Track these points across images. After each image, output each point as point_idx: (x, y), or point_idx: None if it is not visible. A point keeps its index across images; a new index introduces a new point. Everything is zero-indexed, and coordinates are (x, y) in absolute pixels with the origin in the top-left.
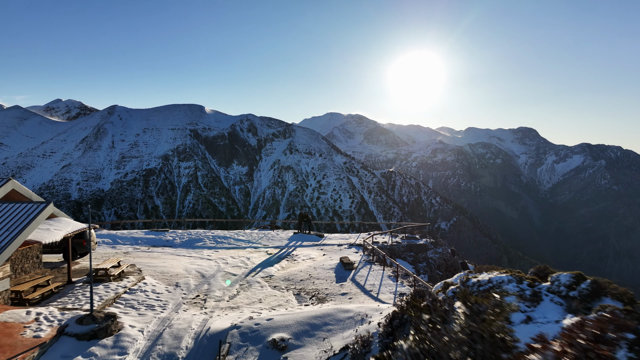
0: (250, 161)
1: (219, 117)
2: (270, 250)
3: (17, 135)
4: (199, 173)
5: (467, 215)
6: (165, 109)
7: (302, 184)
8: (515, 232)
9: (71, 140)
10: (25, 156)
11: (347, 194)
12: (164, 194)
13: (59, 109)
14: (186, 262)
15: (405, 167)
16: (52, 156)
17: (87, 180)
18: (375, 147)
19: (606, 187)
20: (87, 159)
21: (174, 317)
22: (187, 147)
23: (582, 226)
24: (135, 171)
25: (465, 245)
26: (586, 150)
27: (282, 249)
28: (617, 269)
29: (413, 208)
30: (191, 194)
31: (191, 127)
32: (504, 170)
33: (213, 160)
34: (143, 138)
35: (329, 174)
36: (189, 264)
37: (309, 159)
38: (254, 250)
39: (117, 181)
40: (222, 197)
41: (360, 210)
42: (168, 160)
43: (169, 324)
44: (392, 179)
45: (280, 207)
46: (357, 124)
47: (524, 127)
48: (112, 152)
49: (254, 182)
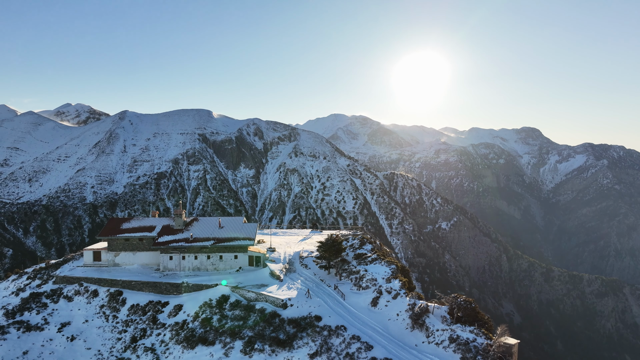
0: (256, 164)
1: (226, 122)
2: (305, 233)
3: (32, 141)
4: (207, 176)
5: (467, 215)
6: (175, 114)
7: (307, 186)
8: (517, 231)
9: (84, 145)
10: (41, 160)
11: (350, 196)
12: (174, 196)
13: (69, 113)
14: (279, 238)
15: (409, 168)
16: (66, 160)
17: (101, 183)
18: (379, 148)
19: (608, 187)
20: (101, 163)
21: (284, 250)
22: (196, 151)
23: (583, 225)
24: (146, 174)
25: (465, 244)
26: (589, 150)
27: (308, 235)
28: (619, 267)
29: (414, 209)
30: (200, 196)
31: (200, 132)
32: (507, 170)
33: (221, 164)
34: (154, 142)
35: (333, 176)
36: (280, 238)
37: (314, 162)
38: (297, 235)
39: (129, 184)
40: (230, 199)
41: (363, 211)
42: (178, 164)
43: (285, 251)
44: (394, 180)
45: (286, 209)
46: (361, 125)
47: (527, 127)
48: (124, 156)
49: (260, 184)
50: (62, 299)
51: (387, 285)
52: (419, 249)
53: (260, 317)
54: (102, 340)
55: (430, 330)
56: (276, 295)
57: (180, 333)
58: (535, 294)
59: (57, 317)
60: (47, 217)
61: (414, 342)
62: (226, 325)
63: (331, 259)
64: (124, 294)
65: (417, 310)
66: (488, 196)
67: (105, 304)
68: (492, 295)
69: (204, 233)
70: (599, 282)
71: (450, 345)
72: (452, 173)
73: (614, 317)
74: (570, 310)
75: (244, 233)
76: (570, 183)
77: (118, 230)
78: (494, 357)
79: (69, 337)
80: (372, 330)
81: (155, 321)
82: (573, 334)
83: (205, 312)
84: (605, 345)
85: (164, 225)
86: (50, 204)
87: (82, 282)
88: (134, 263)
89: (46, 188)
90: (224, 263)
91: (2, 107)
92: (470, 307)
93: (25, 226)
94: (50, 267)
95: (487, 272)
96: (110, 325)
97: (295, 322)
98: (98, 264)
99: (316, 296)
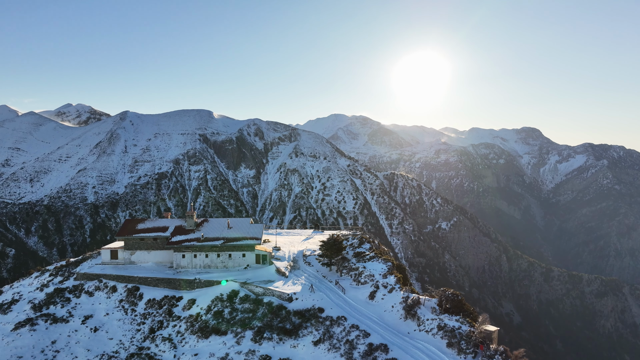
0: (257, 164)
1: (227, 122)
2: (308, 234)
3: (33, 141)
4: (208, 176)
5: (467, 215)
6: (175, 114)
7: (307, 186)
8: (517, 231)
9: (85, 145)
10: (42, 161)
11: (350, 196)
12: (175, 197)
13: (70, 114)
14: (283, 238)
15: (409, 168)
16: (67, 161)
17: (102, 183)
18: (379, 148)
19: (608, 187)
20: (102, 163)
21: (288, 249)
22: (197, 152)
23: (583, 225)
24: (147, 175)
25: (465, 244)
26: (589, 150)
27: (310, 235)
28: (618, 267)
29: (414, 209)
30: (201, 197)
31: (200, 132)
32: (507, 170)
33: (222, 164)
34: (154, 143)
35: (333, 177)
36: (284, 238)
37: (314, 162)
38: (300, 235)
39: (130, 184)
40: (230, 199)
41: (364, 211)
42: (179, 164)
43: (289, 249)
44: (394, 180)
45: (287, 209)
46: (361, 125)
47: (527, 127)
48: (125, 157)
49: (261, 184)
50: (83, 294)
51: (384, 280)
52: (419, 249)
53: (268, 309)
54: (122, 331)
55: (421, 319)
56: (282, 290)
57: (194, 324)
58: (534, 293)
59: (80, 311)
60: (48, 217)
61: (406, 330)
62: (237, 317)
63: (332, 257)
64: (140, 289)
65: (409, 302)
66: (488, 196)
67: (123, 298)
68: (492, 295)
69: (214, 233)
70: (598, 282)
71: (439, 332)
72: (452, 173)
73: (613, 316)
74: (570, 310)
75: (251, 233)
76: (570, 183)
77: (134, 230)
78: (475, 342)
79: (92, 328)
80: (370, 320)
81: (170, 314)
82: (572, 333)
83: (217, 305)
84: (605, 344)
85: (177, 225)
86: (51, 204)
87: (101, 279)
88: (149, 261)
89: (47, 188)
90: (232, 261)
91: (3, 107)
92: (457, 299)
93: (27, 226)
94: (71, 265)
95: (486, 272)
96: (130, 318)
97: (300, 313)
98: (115, 261)
99: (319, 291)
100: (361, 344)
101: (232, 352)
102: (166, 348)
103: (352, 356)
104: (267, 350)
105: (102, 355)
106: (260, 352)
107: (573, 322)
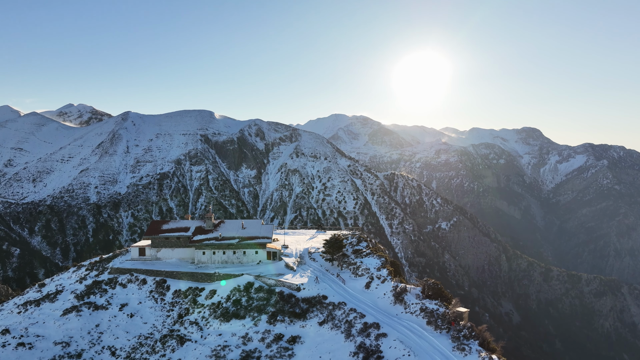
0: (258, 165)
1: (228, 122)
2: (311, 233)
3: (36, 141)
4: (210, 176)
5: (467, 215)
6: (177, 114)
7: (308, 186)
8: (517, 231)
9: (87, 146)
10: (44, 161)
11: (351, 196)
12: (177, 197)
13: (72, 114)
14: (290, 237)
15: (410, 168)
16: (70, 161)
17: (105, 184)
18: (379, 148)
19: (608, 187)
20: (104, 163)
21: (295, 247)
22: (198, 152)
23: (583, 225)
24: (149, 175)
25: (465, 244)
26: (589, 150)
27: (314, 235)
28: (618, 267)
29: (415, 209)
30: (203, 197)
31: (202, 132)
32: (507, 170)
33: (223, 164)
34: (156, 143)
35: (333, 177)
36: (291, 237)
37: (315, 162)
38: (305, 234)
39: (132, 184)
40: (232, 199)
41: (364, 211)
42: (180, 165)
43: (296, 247)
44: (394, 180)
45: (288, 209)
46: (362, 125)
47: (527, 127)
48: (127, 157)
49: (262, 184)
50: (118, 285)
51: (378, 273)
52: (418, 249)
53: (280, 297)
54: (154, 316)
55: (407, 304)
56: (291, 281)
57: (217, 311)
58: (534, 293)
59: (117, 300)
60: (51, 217)
61: (395, 312)
62: (253, 304)
63: (334, 254)
64: (167, 281)
65: (398, 290)
66: (488, 196)
67: (153, 289)
68: (492, 295)
69: (230, 232)
70: (597, 281)
71: (420, 313)
72: (452, 173)
73: (612, 316)
74: (569, 309)
75: (263, 233)
76: (570, 183)
77: (159, 230)
78: (448, 320)
79: (128, 314)
80: (365, 305)
81: (195, 302)
82: (572, 333)
83: (235, 295)
84: (604, 344)
85: (197, 226)
86: (54, 204)
87: (132, 273)
88: (173, 257)
89: (50, 188)
90: (247, 257)
91: (6, 107)
92: (437, 287)
93: (31, 226)
94: (103, 261)
95: (486, 272)
96: (160, 306)
97: (307, 300)
98: (143, 258)
99: (323, 282)
100: (358, 323)
101: (250, 332)
102: (194, 330)
103: (351, 332)
104: (280, 330)
105: (139, 336)
106: (274, 332)
107: (572, 322)
